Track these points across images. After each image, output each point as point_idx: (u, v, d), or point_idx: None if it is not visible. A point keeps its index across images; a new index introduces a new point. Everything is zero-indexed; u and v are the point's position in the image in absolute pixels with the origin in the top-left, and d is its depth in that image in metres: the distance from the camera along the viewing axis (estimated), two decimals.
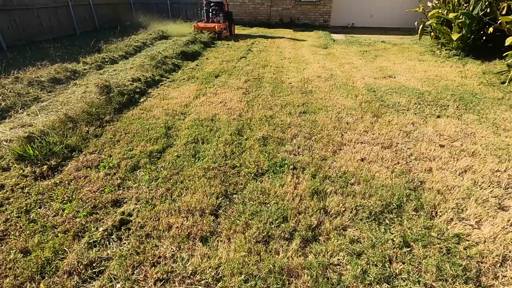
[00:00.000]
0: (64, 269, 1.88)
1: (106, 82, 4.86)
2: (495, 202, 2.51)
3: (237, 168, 2.95)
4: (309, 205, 2.43)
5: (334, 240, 2.11)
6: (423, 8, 9.30)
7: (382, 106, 4.50)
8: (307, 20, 14.67)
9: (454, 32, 7.56)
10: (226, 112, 4.25)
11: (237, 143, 3.40)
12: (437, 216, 2.37)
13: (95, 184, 2.68)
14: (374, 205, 2.44)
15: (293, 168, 2.94)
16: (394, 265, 1.94)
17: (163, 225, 2.23)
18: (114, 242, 2.10)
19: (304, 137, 3.54)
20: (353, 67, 6.82)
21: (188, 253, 2.01)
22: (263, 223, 2.24)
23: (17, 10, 8.14)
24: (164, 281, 1.82)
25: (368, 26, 14.57)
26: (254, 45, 9.45)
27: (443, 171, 2.93)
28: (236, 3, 14.64)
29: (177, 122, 3.95)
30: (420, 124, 3.93)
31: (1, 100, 4.24)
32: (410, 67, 6.82)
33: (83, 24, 11.11)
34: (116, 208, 2.42)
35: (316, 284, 1.80)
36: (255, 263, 1.93)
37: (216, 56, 7.91)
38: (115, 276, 1.84)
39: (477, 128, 3.81)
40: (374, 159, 3.12)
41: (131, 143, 3.38)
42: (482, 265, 1.95)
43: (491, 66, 6.59)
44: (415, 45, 9.49)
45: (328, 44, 9.75)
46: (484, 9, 6.98)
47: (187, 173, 2.85)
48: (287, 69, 6.64)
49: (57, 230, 2.18)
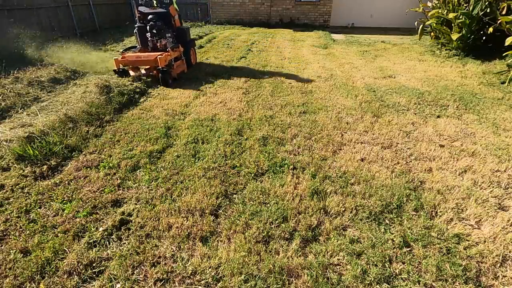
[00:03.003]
0: (64, 269, 1.88)
1: (106, 82, 4.86)
2: (495, 202, 2.51)
3: (237, 168, 2.95)
4: (309, 205, 2.43)
5: (334, 240, 2.11)
6: (423, 8, 9.31)
7: (382, 106, 4.50)
8: (307, 20, 14.67)
9: (454, 32, 7.56)
10: (226, 112, 4.25)
11: (237, 143, 3.40)
12: (437, 216, 2.37)
13: (95, 184, 2.68)
14: (374, 205, 2.44)
15: (293, 168, 2.94)
16: (394, 265, 1.94)
17: (163, 225, 2.23)
18: (114, 242, 2.10)
19: (304, 137, 3.54)
20: (353, 67, 6.82)
21: (188, 253, 2.01)
22: (263, 223, 2.24)
23: (17, 10, 8.14)
24: (164, 281, 1.82)
25: (368, 26, 14.58)
26: (254, 45, 9.44)
27: (443, 171, 2.93)
28: (236, 3, 14.64)
29: (177, 122, 3.95)
30: (420, 124, 3.93)
31: (1, 100, 4.24)
32: (410, 67, 6.82)
33: (83, 24, 11.11)
34: (116, 208, 2.42)
35: (316, 284, 1.80)
36: (255, 263, 1.93)
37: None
38: (115, 276, 1.84)
39: (477, 128, 3.81)
40: (374, 159, 3.12)
41: (131, 143, 3.38)
42: (482, 265, 1.95)
43: (491, 66, 6.59)
44: (415, 45, 9.49)
45: (328, 44, 9.75)
46: (484, 9, 6.98)
47: (187, 173, 2.85)
48: (287, 69, 6.64)
49: (57, 230, 2.18)
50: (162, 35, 5.82)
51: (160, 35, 5.80)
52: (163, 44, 5.79)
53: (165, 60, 5.27)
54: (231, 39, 10.40)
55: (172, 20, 5.94)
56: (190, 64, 6.53)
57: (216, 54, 8.11)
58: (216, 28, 13.09)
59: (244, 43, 9.71)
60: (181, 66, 6.03)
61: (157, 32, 5.74)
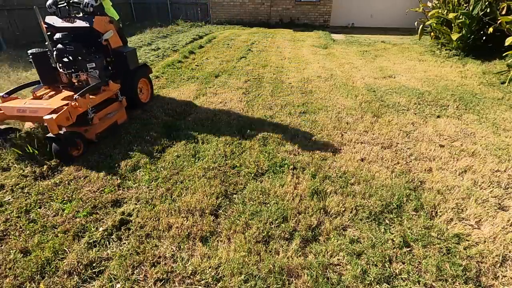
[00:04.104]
0: (64, 269, 1.88)
1: None
2: (495, 202, 2.51)
3: (237, 168, 2.95)
4: (309, 205, 2.43)
5: (334, 240, 2.11)
6: (423, 8, 9.30)
7: (382, 106, 4.50)
8: (307, 20, 14.66)
9: (454, 32, 7.56)
10: (226, 112, 4.25)
11: (237, 143, 3.40)
12: (437, 216, 2.37)
13: (95, 184, 2.68)
14: (374, 205, 2.45)
15: (293, 168, 2.94)
16: (394, 265, 1.94)
17: (163, 225, 2.23)
18: (114, 242, 2.10)
19: (304, 137, 3.54)
20: (353, 67, 6.82)
21: (188, 253, 2.01)
22: (263, 223, 2.24)
23: (17, 10, 8.14)
24: (164, 281, 1.82)
25: (368, 26, 14.57)
26: (254, 45, 9.44)
27: (443, 171, 2.93)
28: (236, 3, 14.64)
29: (177, 122, 3.95)
30: (420, 124, 3.93)
31: None
32: (410, 67, 6.82)
33: None
34: (116, 208, 2.42)
35: (316, 284, 1.80)
36: (255, 263, 1.93)
37: (215, 56, 7.91)
38: (115, 276, 1.84)
39: (477, 128, 3.81)
40: (374, 159, 3.12)
41: (131, 143, 3.38)
42: (482, 265, 1.95)
43: (491, 66, 6.59)
44: (415, 45, 9.48)
45: (328, 44, 9.75)
46: (484, 9, 6.97)
47: (187, 173, 2.85)
48: (287, 69, 6.64)
49: (57, 230, 2.18)
50: (80, 66, 3.49)
51: (77, 65, 3.48)
52: (83, 80, 3.55)
53: (63, 120, 2.94)
54: (231, 39, 10.40)
55: (101, 40, 3.63)
56: (138, 103, 4.21)
57: (216, 54, 8.11)
58: (216, 28, 13.09)
59: (244, 43, 9.71)
60: (108, 120, 3.53)
61: (73, 60, 3.44)
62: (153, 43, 9.32)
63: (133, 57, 4.14)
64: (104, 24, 3.65)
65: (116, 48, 3.90)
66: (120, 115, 3.79)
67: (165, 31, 11.35)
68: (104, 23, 3.64)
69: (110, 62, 3.90)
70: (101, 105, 3.51)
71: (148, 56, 7.58)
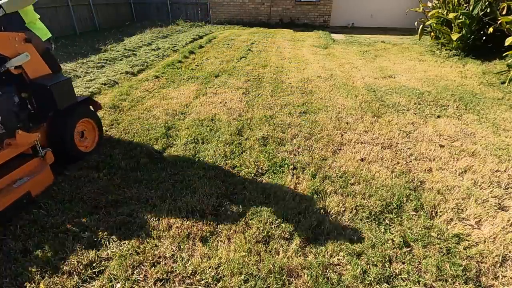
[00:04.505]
0: (64, 269, 1.88)
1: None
2: (495, 202, 2.51)
3: (237, 168, 2.95)
4: (309, 205, 2.43)
5: (334, 240, 2.11)
6: (423, 8, 9.30)
7: (382, 106, 4.50)
8: (307, 20, 14.66)
9: (454, 32, 7.56)
10: (226, 112, 4.25)
11: (237, 143, 3.40)
12: (437, 216, 2.37)
13: (95, 184, 2.68)
14: (374, 205, 2.45)
15: (293, 168, 2.94)
16: (394, 265, 1.94)
17: (163, 225, 2.23)
18: (114, 242, 2.10)
19: (304, 137, 3.54)
20: (353, 67, 6.82)
21: (188, 253, 2.01)
22: (263, 223, 2.24)
23: None
24: (164, 281, 1.82)
25: (368, 26, 14.57)
26: (254, 45, 9.44)
27: (443, 171, 2.93)
28: (236, 3, 14.64)
29: (177, 122, 3.95)
30: (420, 124, 3.93)
31: None
32: (410, 67, 6.82)
33: (83, 24, 11.11)
34: (116, 208, 2.42)
35: (316, 284, 1.80)
36: (255, 263, 1.93)
37: (215, 56, 7.91)
38: (115, 276, 1.84)
39: (477, 128, 3.81)
40: (374, 159, 3.12)
41: (131, 143, 3.38)
42: (482, 265, 1.95)
43: (491, 66, 6.59)
44: (415, 45, 9.48)
45: (328, 44, 9.75)
46: (484, 9, 6.97)
47: (187, 173, 2.85)
48: (287, 69, 6.64)
49: (57, 230, 2.18)
50: None
51: None
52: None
53: None
54: (231, 39, 10.40)
55: (3, 67, 2.39)
56: (75, 155, 2.98)
57: (216, 54, 8.11)
58: (216, 28, 13.09)
59: (244, 43, 9.71)
60: (12, 192, 2.27)
61: None
62: (153, 43, 9.33)
63: (65, 90, 2.79)
64: (13, 43, 2.38)
65: (36, 79, 2.62)
66: (37, 181, 2.49)
67: (165, 31, 11.35)
68: (13, 42, 2.38)
69: (26, 98, 2.65)
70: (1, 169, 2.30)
71: (148, 56, 7.58)
